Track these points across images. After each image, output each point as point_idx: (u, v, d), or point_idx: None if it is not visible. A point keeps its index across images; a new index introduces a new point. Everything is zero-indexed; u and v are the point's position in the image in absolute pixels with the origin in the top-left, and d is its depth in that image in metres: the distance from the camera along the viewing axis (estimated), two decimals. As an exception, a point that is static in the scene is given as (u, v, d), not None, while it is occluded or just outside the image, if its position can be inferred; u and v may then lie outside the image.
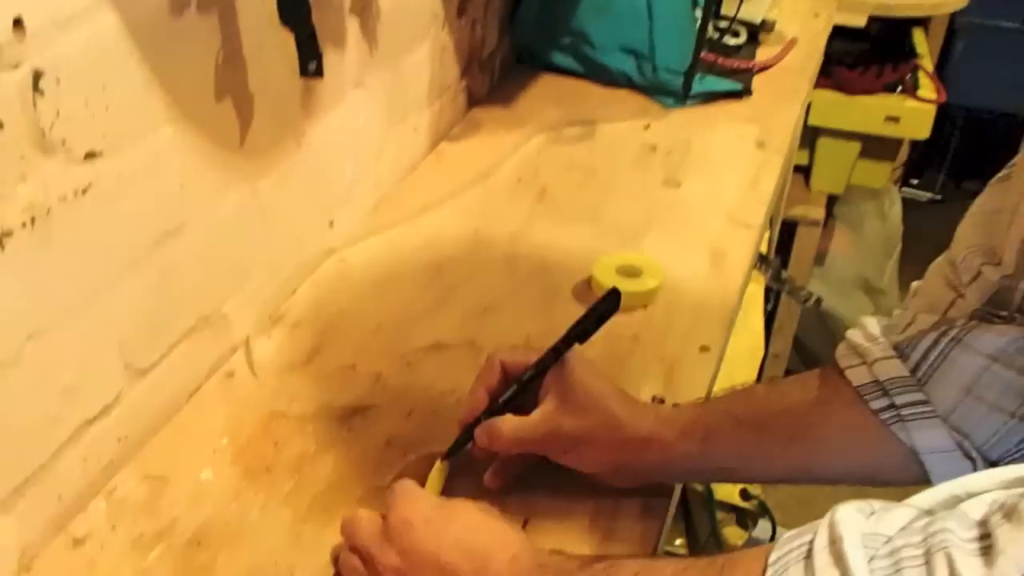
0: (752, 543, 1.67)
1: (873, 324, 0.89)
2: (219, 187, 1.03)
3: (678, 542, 1.60)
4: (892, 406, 0.83)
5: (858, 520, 0.56)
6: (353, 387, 1.05)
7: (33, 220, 0.78)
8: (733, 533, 1.64)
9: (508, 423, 0.89)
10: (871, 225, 2.74)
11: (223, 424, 1.01)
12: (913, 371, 0.83)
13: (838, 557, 0.54)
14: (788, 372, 2.71)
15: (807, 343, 2.75)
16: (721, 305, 1.19)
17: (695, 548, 1.62)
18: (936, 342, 0.82)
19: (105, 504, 0.92)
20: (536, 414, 0.88)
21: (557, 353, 0.89)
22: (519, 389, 0.90)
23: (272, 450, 0.98)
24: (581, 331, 0.89)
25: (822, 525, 0.57)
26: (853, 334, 0.89)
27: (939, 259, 0.87)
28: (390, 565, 0.76)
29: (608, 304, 0.89)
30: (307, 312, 1.18)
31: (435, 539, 0.76)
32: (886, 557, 0.53)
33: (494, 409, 0.90)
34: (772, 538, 1.70)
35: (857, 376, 0.86)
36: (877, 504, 0.58)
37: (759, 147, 1.56)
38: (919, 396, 0.82)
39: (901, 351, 0.84)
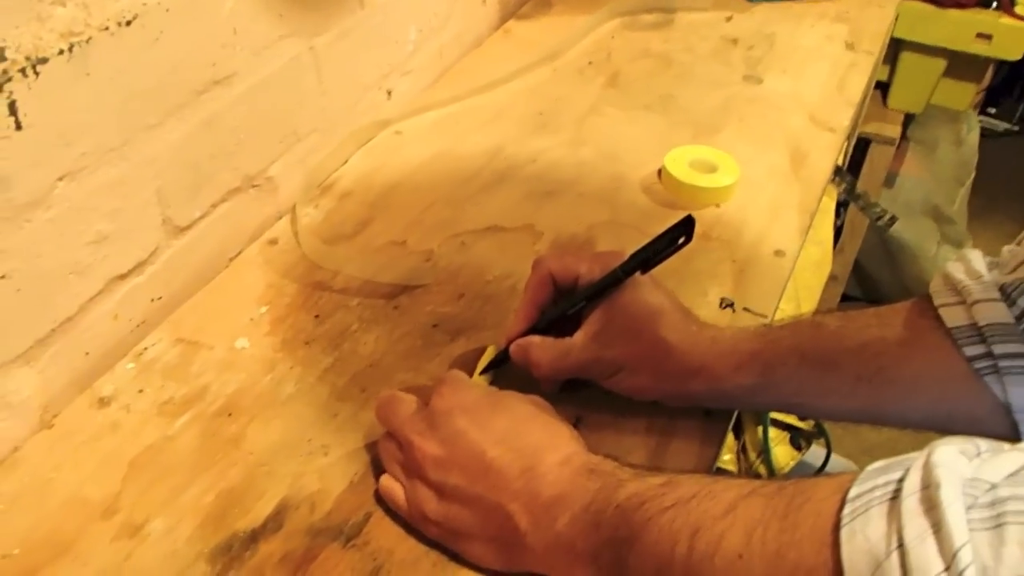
0: (802, 467, 1.61)
1: (978, 259, 0.78)
2: (274, 38, 0.97)
3: (727, 457, 1.55)
4: (988, 355, 0.73)
5: (960, 464, 0.48)
6: (402, 264, 1.00)
7: (71, 48, 0.72)
8: (784, 453, 1.57)
9: (545, 351, 0.82)
10: (946, 150, 2.63)
11: (262, 292, 0.97)
12: (1019, 318, 0.73)
13: (931, 505, 0.47)
14: (845, 296, 2.64)
15: (867, 267, 2.66)
16: (799, 209, 1.11)
17: (743, 466, 1.56)
18: None
19: (134, 365, 0.88)
20: (576, 339, 0.81)
21: (615, 280, 0.80)
22: (566, 317, 0.83)
23: (312, 323, 0.93)
24: (645, 259, 0.80)
25: (915, 465, 0.49)
26: (954, 268, 0.79)
27: None
28: (430, 454, 0.71)
29: (680, 231, 0.78)
30: (358, 183, 1.12)
31: (480, 431, 0.70)
32: (987, 507, 0.45)
33: (538, 329, 0.84)
34: (824, 464, 1.66)
35: (952, 317, 0.76)
36: (984, 445, 0.50)
37: (848, 48, 1.47)
38: (1022, 347, 0.72)
39: (1007, 294, 0.74)
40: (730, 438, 1.58)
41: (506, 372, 0.86)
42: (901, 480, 0.49)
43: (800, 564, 0.52)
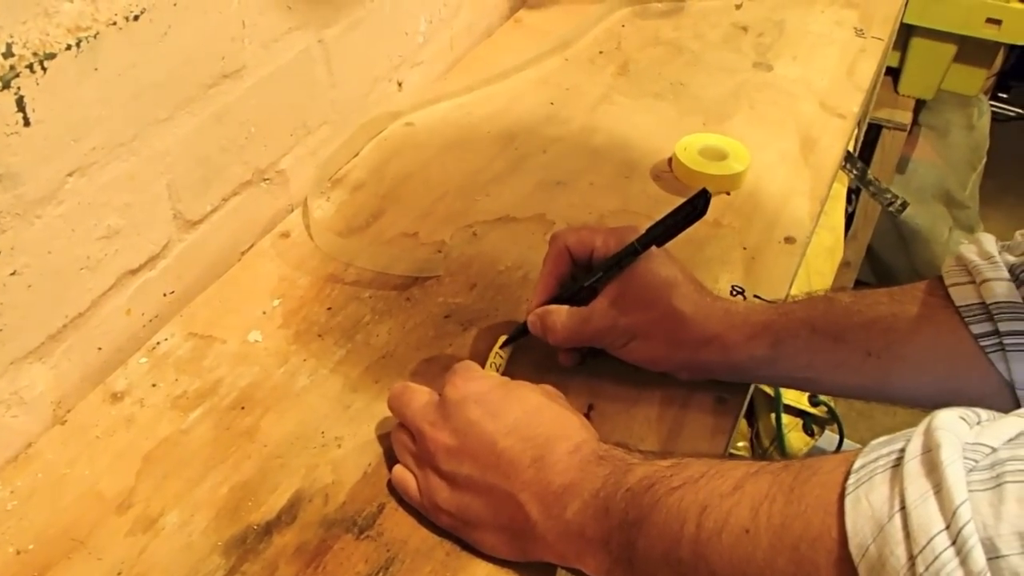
0: (816, 453, 1.61)
1: (990, 241, 0.79)
2: (283, 30, 0.97)
3: (740, 444, 1.55)
4: (995, 332, 0.74)
5: (960, 428, 0.49)
6: (414, 255, 1.00)
7: (79, 43, 0.72)
8: (797, 439, 1.58)
9: (562, 316, 0.83)
10: (957, 135, 2.62)
11: (275, 285, 0.97)
12: None
13: (931, 467, 0.47)
14: (859, 282, 2.63)
15: (880, 252, 2.66)
16: (809, 196, 1.11)
17: (758, 452, 1.57)
18: None
19: (147, 360, 0.88)
20: (592, 307, 0.82)
21: (631, 253, 0.81)
22: (585, 289, 0.83)
23: (325, 316, 0.93)
24: (661, 232, 0.82)
25: (916, 432, 0.50)
26: (966, 249, 0.80)
27: None
28: (442, 444, 0.71)
29: (695, 206, 0.80)
30: (369, 175, 1.12)
31: (492, 422, 0.70)
32: (987, 470, 0.46)
33: (557, 301, 0.85)
34: (838, 449, 1.66)
35: (961, 295, 0.77)
36: (984, 413, 0.51)
37: (857, 34, 1.46)
38: None
39: (1016, 274, 0.75)
40: (743, 425, 1.58)
41: (527, 352, 0.87)
42: (903, 449, 0.50)
43: (805, 534, 0.53)
